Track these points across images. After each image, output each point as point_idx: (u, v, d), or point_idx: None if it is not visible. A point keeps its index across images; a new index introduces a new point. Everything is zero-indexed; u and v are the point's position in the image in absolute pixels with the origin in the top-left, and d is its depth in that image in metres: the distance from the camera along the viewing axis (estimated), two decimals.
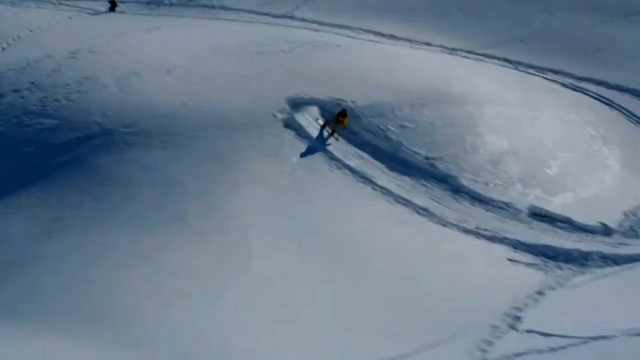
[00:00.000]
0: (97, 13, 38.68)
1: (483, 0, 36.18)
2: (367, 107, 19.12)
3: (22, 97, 18.82)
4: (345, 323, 12.65)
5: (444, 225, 16.71)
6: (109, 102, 18.12)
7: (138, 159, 16.46)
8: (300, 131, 17.95)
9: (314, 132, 18.10)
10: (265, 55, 21.85)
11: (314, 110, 18.78)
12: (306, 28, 33.16)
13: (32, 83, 19.55)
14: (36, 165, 16.52)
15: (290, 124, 18.05)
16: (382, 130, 18.81)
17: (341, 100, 19.15)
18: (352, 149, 18.32)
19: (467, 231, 16.67)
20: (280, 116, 18.22)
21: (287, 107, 18.66)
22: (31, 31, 32.82)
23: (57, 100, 18.35)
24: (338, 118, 18.18)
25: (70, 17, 36.83)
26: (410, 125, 19.15)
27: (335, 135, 18.05)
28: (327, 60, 21.87)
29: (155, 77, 19.62)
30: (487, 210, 17.71)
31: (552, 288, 14.28)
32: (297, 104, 18.86)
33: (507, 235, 16.73)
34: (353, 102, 19.15)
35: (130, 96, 18.37)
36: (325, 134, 18.08)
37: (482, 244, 16.36)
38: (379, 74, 21.41)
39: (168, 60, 20.90)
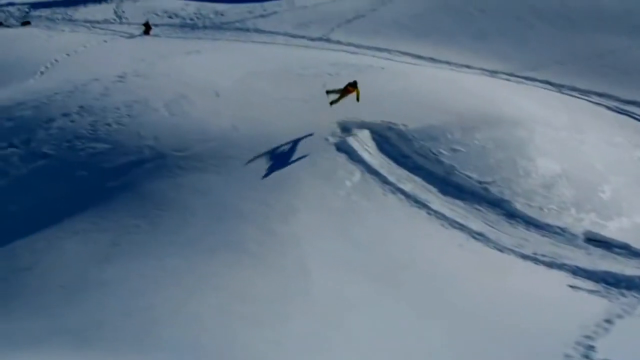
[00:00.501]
0: (132, 36, 39.20)
1: (521, 23, 36.22)
2: (418, 131, 19.09)
3: (72, 121, 18.99)
4: (412, 351, 12.52)
5: (500, 251, 16.56)
6: (160, 125, 18.23)
7: (192, 183, 16.49)
8: (352, 155, 17.94)
9: (367, 156, 18.07)
10: (310, 78, 21.95)
11: (366, 133, 18.79)
12: (343, 51, 33.36)
13: (81, 107, 19.74)
14: (90, 190, 16.61)
15: (343, 148, 18.06)
16: (433, 153, 18.75)
17: (392, 123, 19.16)
18: (405, 173, 18.26)
19: (524, 257, 16.51)
20: (332, 140, 18.24)
21: (338, 130, 18.68)
22: (68, 55, 33.32)
23: (108, 124, 18.48)
24: (347, 88, 18.49)
25: (105, 41, 37.36)
26: (462, 149, 19.08)
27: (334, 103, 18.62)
28: (374, 83, 21.87)
29: (204, 100, 19.73)
30: (543, 236, 17.55)
31: (619, 316, 14.07)
32: (347, 128, 18.89)
33: (566, 261, 16.55)
34: (404, 125, 19.14)
35: (180, 119, 18.47)
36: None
37: (541, 269, 16.18)
38: (427, 96, 21.42)
39: (215, 83, 21.03)
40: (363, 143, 18.43)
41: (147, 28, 41.03)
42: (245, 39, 38.17)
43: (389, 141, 18.93)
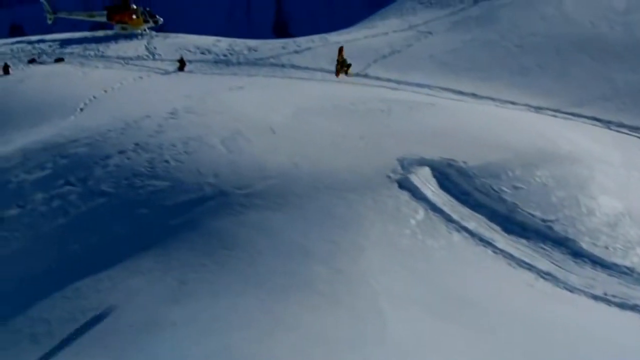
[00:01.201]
0: (167, 73, 39.71)
1: (562, 58, 36.35)
2: (479, 168, 19.08)
3: (128, 159, 19.13)
4: None
5: (570, 291, 16.41)
6: (218, 162, 18.33)
7: (256, 221, 16.51)
8: (415, 192, 17.94)
9: (430, 193, 18.05)
10: (363, 114, 22.06)
11: (426, 171, 18.80)
12: (383, 86, 33.56)
13: (136, 144, 19.90)
14: (152, 228, 16.66)
15: (405, 185, 18.06)
16: (495, 191, 18.70)
17: (452, 160, 19.17)
18: (467, 211, 18.21)
19: (595, 297, 16.34)
20: (393, 176, 18.26)
21: (398, 167, 18.70)
22: (106, 91, 33.74)
23: (166, 162, 18.61)
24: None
25: (141, 77, 37.86)
26: (523, 187, 19.04)
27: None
28: (428, 120, 21.99)
29: (260, 136, 19.86)
30: (611, 275, 17.38)
31: None
32: (407, 165, 18.90)
33: (637, 302, 16.36)
34: (464, 162, 19.14)
35: (239, 156, 18.58)
36: None
37: (614, 311, 15.99)
38: (482, 133, 21.46)
39: (268, 119, 21.19)
40: (425, 180, 18.41)
41: (181, 64, 41.57)
42: (282, 75, 38.56)
43: (449, 178, 18.91)
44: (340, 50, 31.60)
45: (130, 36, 51.41)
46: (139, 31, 52.26)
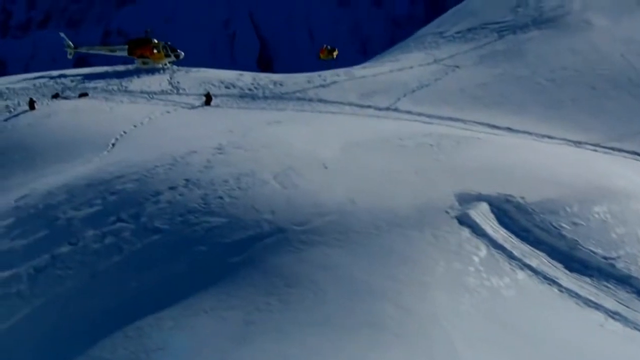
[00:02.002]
0: (193, 107, 39.91)
1: (596, 92, 36.49)
2: (537, 204, 19.04)
3: (180, 195, 19.14)
4: None
5: None
6: (274, 199, 18.33)
7: (317, 258, 16.45)
8: (476, 228, 17.88)
9: (490, 230, 17.99)
10: (413, 149, 22.11)
11: (484, 207, 18.75)
12: (416, 120, 33.60)
13: (187, 180, 19.93)
14: (211, 266, 16.60)
15: (465, 221, 18.01)
16: (555, 228, 18.63)
17: (509, 196, 19.14)
18: (527, 248, 18.12)
19: None
20: (452, 212, 18.21)
21: (456, 203, 18.67)
22: (135, 126, 33.89)
23: (220, 198, 18.61)
24: None
25: (168, 112, 38.04)
26: (582, 223, 18.97)
27: None
28: (478, 154, 22.01)
29: (312, 172, 19.88)
30: None
31: None
32: (465, 200, 18.87)
33: None
34: (522, 197, 19.11)
35: (294, 192, 18.58)
36: None
37: None
38: (534, 168, 21.47)
39: (318, 154, 21.23)
40: (484, 216, 18.36)
41: (208, 99, 41.79)
42: (310, 109, 38.71)
43: (508, 214, 18.86)
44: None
45: (152, 70, 51.78)
46: (160, 65, 52.65)
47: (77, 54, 55.04)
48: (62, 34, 55.04)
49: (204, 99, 42.13)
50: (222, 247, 16.94)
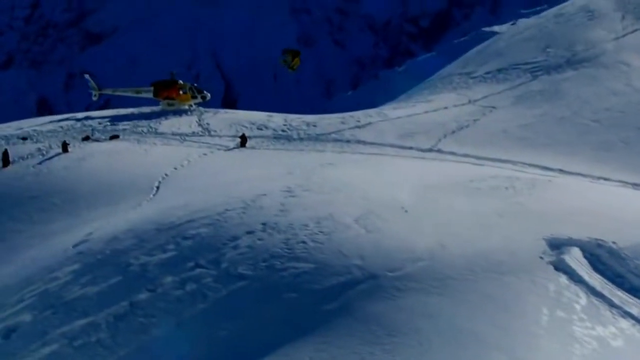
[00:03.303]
0: (229, 149, 39.88)
1: None
2: (630, 249, 18.77)
3: (260, 240, 18.91)
4: None
5: None
6: (360, 243, 18.09)
7: (415, 305, 16.16)
8: (572, 275, 17.60)
9: (587, 276, 17.73)
10: (488, 191, 21.99)
11: (577, 252, 18.50)
12: (464, 162, 33.57)
13: (264, 224, 19.71)
14: (304, 313, 16.29)
15: (560, 267, 17.75)
16: None
17: (601, 240, 18.90)
18: (625, 295, 17.82)
19: None
20: (547, 258, 17.97)
21: (547, 247, 18.44)
22: (175, 169, 33.80)
23: (304, 242, 18.37)
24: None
25: (205, 154, 37.99)
26: None
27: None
28: (555, 197, 21.92)
29: (393, 215, 19.70)
30: None
31: None
32: (556, 245, 18.64)
33: None
34: (614, 242, 18.87)
35: (380, 236, 18.35)
36: None
37: None
38: (615, 211, 21.34)
39: (394, 197, 21.08)
40: (578, 262, 18.11)
41: (243, 140, 41.80)
42: (350, 150, 38.68)
43: (601, 259, 18.60)
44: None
45: (179, 112, 51.94)
46: (186, 107, 52.82)
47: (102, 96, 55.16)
48: (86, 76, 55.34)
49: (238, 140, 42.16)
50: (313, 294, 16.65)
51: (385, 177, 24.71)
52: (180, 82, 53.43)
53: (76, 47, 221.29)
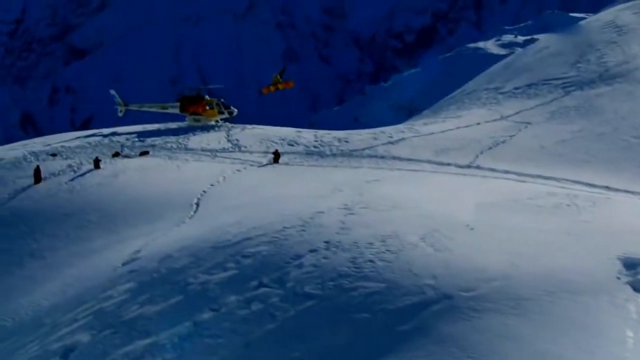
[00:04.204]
0: (262, 165, 39.63)
1: None
2: None
3: (325, 258, 18.61)
4: None
5: None
6: (430, 262, 17.76)
7: (495, 327, 15.77)
8: None
9: None
10: (551, 209, 21.73)
11: None
12: (506, 178, 33.26)
13: (327, 242, 19.42)
14: (379, 334, 15.96)
15: (639, 288, 17.39)
16: None
17: None
18: None
19: None
20: (623, 278, 17.60)
21: (622, 267, 18.08)
22: (212, 185, 33.55)
23: (371, 261, 18.06)
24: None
25: (239, 170, 37.74)
26: None
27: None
28: (619, 215, 21.64)
29: (459, 234, 19.37)
30: None
31: None
32: (631, 265, 18.27)
33: None
34: None
35: (449, 255, 18.02)
36: None
37: None
38: None
39: (456, 215, 20.80)
40: None
41: (276, 156, 41.56)
42: (386, 166, 38.39)
43: None
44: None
45: (206, 128, 51.82)
46: (212, 123, 52.70)
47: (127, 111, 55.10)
48: (112, 91, 55.28)
49: (271, 156, 41.94)
50: (386, 315, 16.32)
51: (438, 194, 24.43)
52: (207, 97, 53.35)
53: (60, 62, 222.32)
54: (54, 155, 43.94)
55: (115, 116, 55.18)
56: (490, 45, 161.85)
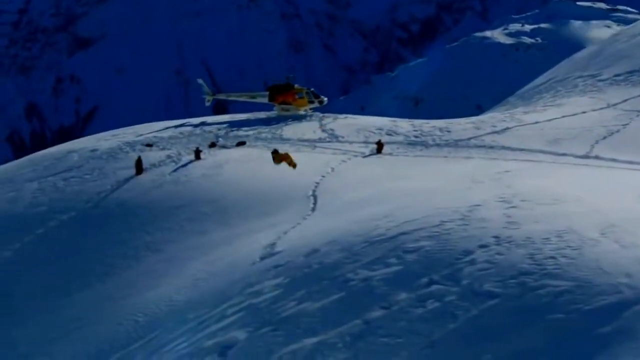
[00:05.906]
0: (365, 155, 38.85)
1: None
2: None
3: (499, 254, 17.62)
4: None
5: None
6: (619, 259, 16.60)
7: None
8: None
9: None
10: None
11: None
12: (636, 169, 31.83)
13: (496, 237, 18.41)
14: (577, 337, 14.96)
15: None
16: None
17: None
18: None
19: None
20: None
21: None
22: (323, 177, 32.91)
23: (552, 258, 16.95)
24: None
25: (344, 161, 37.03)
26: None
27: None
28: None
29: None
30: None
31: None
32: None
33: None
34: None
35: (638, 252, 16.94)
36: None
37: None
38: None
39: (629, 209, 19.70)
40: None
41: (380, 147, 40.84)
42: (498, 156, 37.37)
43: None
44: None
45: (297, 117, 51.27)
46: (302, 112, 52.12)
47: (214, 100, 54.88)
48: (200, 80, 55.15)
49: (374, 147, 41.19)
50: (582, 316, 15.28)
51: (587, 186, 23.27)
52: (297, 86, 52.80)
53: (63, 53, 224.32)
54: (149, 145, 43.88)
55: (119, 107, 55.28)
56: (497, 35, 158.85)
